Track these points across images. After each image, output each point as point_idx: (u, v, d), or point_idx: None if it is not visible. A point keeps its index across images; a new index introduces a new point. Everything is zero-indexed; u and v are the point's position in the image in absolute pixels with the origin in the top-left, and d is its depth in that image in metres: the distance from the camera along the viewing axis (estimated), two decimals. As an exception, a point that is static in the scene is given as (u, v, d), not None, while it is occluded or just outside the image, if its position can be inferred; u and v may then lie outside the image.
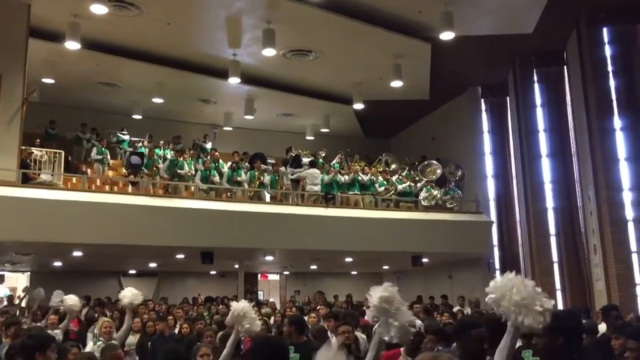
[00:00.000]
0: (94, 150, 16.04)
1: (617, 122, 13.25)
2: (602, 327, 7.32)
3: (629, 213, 12.92)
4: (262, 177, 15.28)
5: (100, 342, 6.48)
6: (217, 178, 14.75)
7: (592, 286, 13.71)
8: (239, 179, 14.89)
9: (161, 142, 16.99)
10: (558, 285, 14.72)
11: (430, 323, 6.59)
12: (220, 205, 13.96)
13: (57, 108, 17.25)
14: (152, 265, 17.91)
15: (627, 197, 12.99)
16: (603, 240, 13.07)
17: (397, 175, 17.15)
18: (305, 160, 16.85)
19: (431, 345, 4.83)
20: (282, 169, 16.17)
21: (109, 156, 16.35)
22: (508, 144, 17.01)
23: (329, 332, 6.46)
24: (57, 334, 7.35)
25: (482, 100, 17.93)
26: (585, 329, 4.17)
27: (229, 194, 14.94)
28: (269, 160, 16.79)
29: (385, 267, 20.25)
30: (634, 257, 12.78)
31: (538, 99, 15.64)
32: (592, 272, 13.72)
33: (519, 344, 4.28)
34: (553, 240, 15.01)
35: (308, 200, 15.55)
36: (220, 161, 15.47)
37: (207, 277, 20.31)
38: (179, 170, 14.68)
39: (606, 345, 5.25)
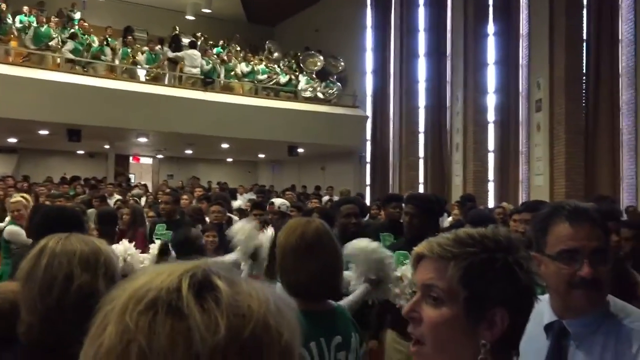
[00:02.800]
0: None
1: (491, 28, 13.87)
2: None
3: (491, 115, 13.90)
4: (136, 55, 14.41)
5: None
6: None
7: (451, 181, 14.85)
8: (102, 57, 13.95)
9: (25, 7, 15.26)
10: (421, 179, 15.79)
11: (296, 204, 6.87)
12: (89, 81, 13.08)
13: None
14: (12, 140, 16.67)
15: (491, 100, 13.90)
16: (465, 139, 14.07)
17: (279, 65, 16.95)
18: (185, 40, 16.08)
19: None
20: (159, 47, 15.33)
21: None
22: (389, 41, 17.25)
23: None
24: None
25: (368, -6, 17.87)
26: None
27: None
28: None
29: (261, 156, 20.44)
30: (490, 156, 13.92)
31: (421, -2, 15.88)
32: (452, 168, 14.81)
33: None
34: (421, 137, 15.88)
35: (186, 83, 15.02)
36: (91, 35, 14.31)
37: (74, 157, 19.32)
38: (47, 42, 13.39)
39: (459, 227, 5.80)
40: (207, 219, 6.24)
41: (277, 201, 5.91)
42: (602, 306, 1.45)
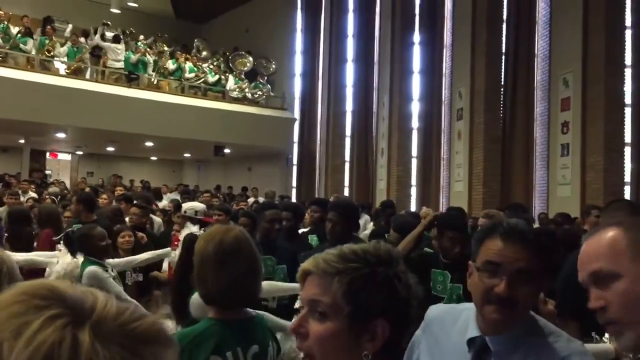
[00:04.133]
0: None
1: (417, 37, 14.25)
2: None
3: (415, 122, 14.28)
4: (54, 47, 13.80)
5: None
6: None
7: (375, 185, 15.14)
8: (22, 47, 13.30)
9: None
10: (347, 182, 16.01)
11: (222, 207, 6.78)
12: (3, 72, 12.43)
13: None
14: None
15: (416, 107, 14.28)
16: (390, 145, 14.38)
17: (207, 64, 16.71)
18: (109, 34, 15.55)
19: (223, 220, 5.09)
20: (82, 40, 14.77)
21: None
22: (319, 45, 17.38)
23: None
24: None
25: (299, -3, 17.94)
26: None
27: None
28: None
29: (187, 155, 20.08)
30: (413, 161, 14.30)
31: (351, 4, 16.09)
32: (376, 172, 15.10)
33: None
34: (347, 141, 16.11)
35: (109, 78, 14.54)
36: (8, 23, 13.59)
37: (-16, 151, 18.28)
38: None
39: (382, 233, 5.94)
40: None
41: (185, 205, 5.77)
42: (524, 325, 1.45)
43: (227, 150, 16.65)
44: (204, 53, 17.59)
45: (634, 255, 1.06)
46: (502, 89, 12.10)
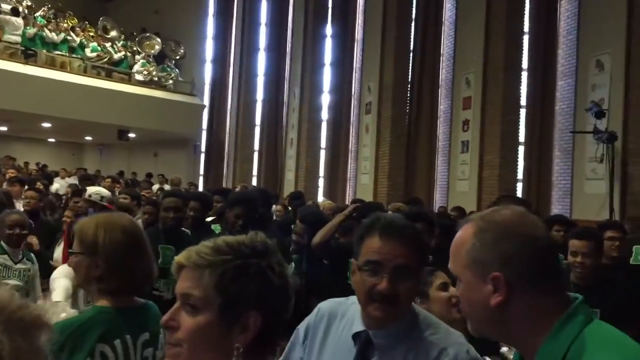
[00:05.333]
0: None
1: (329, 30, 14.38)
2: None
3: (325, 114, 14.43)
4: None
5: None
6: None
7: (284, 175, 15.18)
8: None
9: None
10: (255, 172, 15.93)
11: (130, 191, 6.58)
12: None
13: None
14: None
15: (326, 99, 14.43)
16: (299, 136, 14.46)
17: (112, 43, 16.01)
18: (5, 6, 14.53)
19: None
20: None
21: None
22: (231, 32, 17.13)
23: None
24: None
25: (212, -19, 17.57)
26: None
27: None
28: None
29: (88, 138, 19.21)
30: (322, 153, 14.46)
31: (265, -8, 15.99)
32: (286, 163, 15.14)
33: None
34: (257, 131, 16.02)
35: (3, 53, 13.60)
36: None
37: None
38: None
39: (289, 223, 5.98)
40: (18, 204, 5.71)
41: (91, 189, 5.53)
42: (405, 319, 1.48)
43: (132, 135, 16.08)
44: (112, 33, 16.83)
45: (469, 261, 1.10)
46: (409, 86, 12.45)
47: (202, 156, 17.26)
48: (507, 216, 1.11)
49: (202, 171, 17.20)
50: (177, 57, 17.26)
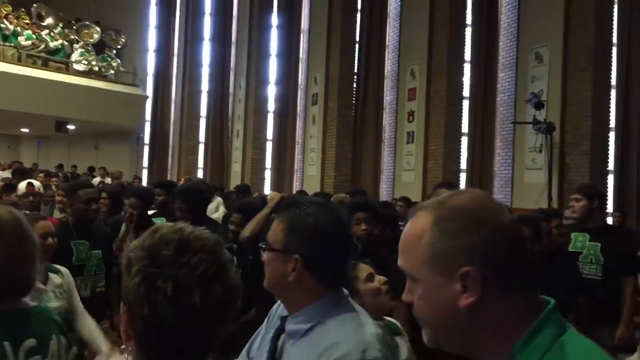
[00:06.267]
0: None
1: (275, 20, 14.24)
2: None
3: (271, 105, 14.31)
4: None
5: None
6: None
7: (230, 167, 14.99)
8: None
9: None
10: (201, 164, 15.67)
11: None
12: None
13: None
14: None
15: (272, 90, 14.31)
16: (246, 127, 14.30)
17: (48, 31, 15.35)
18: None
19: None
20: None
21: None
22: (174, 21, 16.74)
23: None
24: None
25: (154, -32, 17.10)
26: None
27: None
28: None
29: (24, 130, 18.41)
30: (269, 144, 14.34)
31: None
32: (232, 154, 14.95)
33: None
34: (202, 122, 15.75)
35: None
36: None
37: None
38: None
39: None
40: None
41: (22, 185, 5.27)
42: (316, 308, 1.42)
43: (70, 127, 15.51)
44: (48, 20, 16.14)
45: (429, 256, 0.93)
46: (355, 77, 12.48)
47: (146, 148, 16.84)
48: (469, 200, 0.94)
49: (146, 164, 16.79)
50: (118, 47, 16.70)
